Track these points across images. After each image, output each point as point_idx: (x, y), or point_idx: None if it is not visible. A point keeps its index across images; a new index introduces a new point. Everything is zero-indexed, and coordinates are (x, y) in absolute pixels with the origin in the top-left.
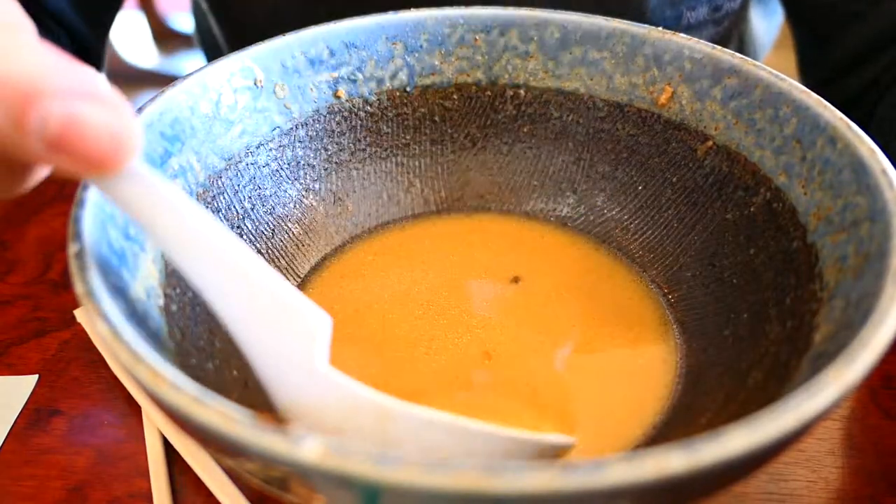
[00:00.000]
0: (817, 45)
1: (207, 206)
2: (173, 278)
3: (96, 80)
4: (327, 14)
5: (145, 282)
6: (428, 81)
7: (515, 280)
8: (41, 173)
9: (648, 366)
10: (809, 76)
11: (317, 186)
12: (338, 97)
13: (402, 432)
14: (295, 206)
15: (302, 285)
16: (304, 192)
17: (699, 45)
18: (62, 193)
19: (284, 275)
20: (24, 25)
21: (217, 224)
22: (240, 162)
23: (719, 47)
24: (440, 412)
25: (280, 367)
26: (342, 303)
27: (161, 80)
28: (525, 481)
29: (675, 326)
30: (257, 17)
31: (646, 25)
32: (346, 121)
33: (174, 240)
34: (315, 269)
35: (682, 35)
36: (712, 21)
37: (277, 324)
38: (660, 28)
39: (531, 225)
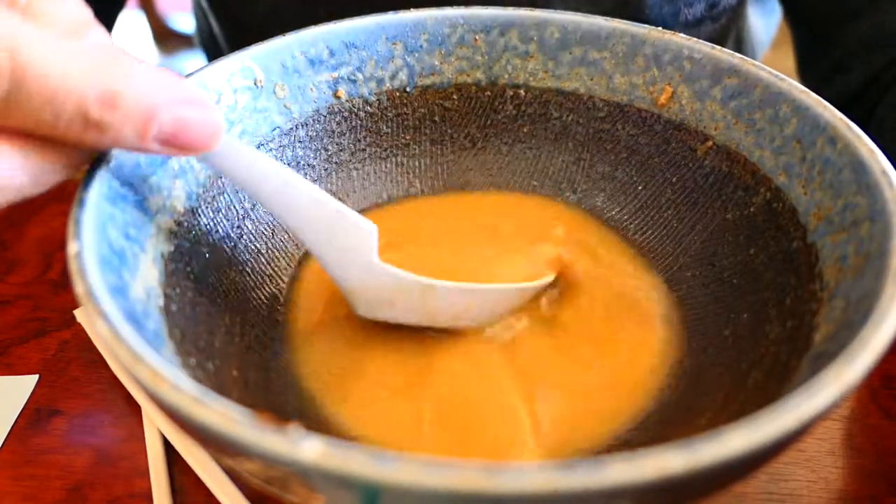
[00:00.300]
0: (816, 43)
1: (207, 206)
2: (173, 278)
3: (189, 87)
4: (327, 14)
5: (145, 282)
6: (428, 81)
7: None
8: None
9: (647, 363)
10: (808, 75)
11: (317, 186)
12: (338, 97)
13: (438, 300)
14: None
15: (301, 284)
16: None
17: (699, 45)
18: (62, 193)
19: (283, 275)
20: (118, 47)
21: (288, 170)
22: None
23: (719, 47)
24: (464, 283)
25: (345, 264)
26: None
27: None
28: (525, 481)
29: (675, 325)
30: (257, 16)
31: (646, 25)
32: (346, 121)
33: (258, 185)
34: (315, 268)
35: (681, 35)
36: (710, 17)
37: (343, 233)
38: (660, 28)
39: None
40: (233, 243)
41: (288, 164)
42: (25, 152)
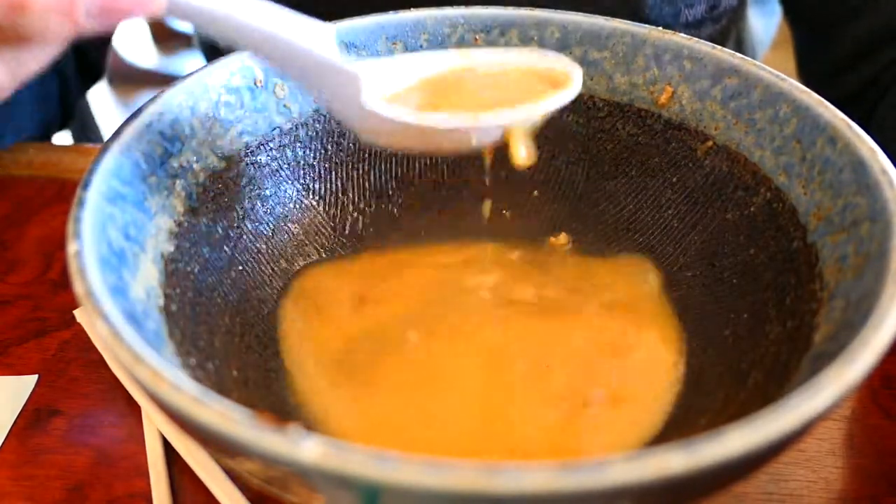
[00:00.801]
0: (816, 43)
1: (207, 206)
2: (173, 278)
3: None
4: (327, 14)
5: (145, 282)
6: None
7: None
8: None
9: (648, 365)
10: (808, 75)
11: (317, 186)
12: None
13: (431, 133)
14: (295, 206)
15: (301, 284)
16: (303, 192)
17: (699, 45)
18: (62, 193)
19: (283, 275)
20: None
21: (269, 14)
22: (240, 162)
23: (719, 47)
24: (454, 115)
25: (339, 105)
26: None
27: (161, 80)
28: (525, 481)
29: (675, 325)
30: None
31: (646, 25)
32: None
33: (237, 38)
34: (314, 268)
35: (682, 35)
36: (710, 18)
37: (331, 80)
38: (660, 28)
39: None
40: (233, 243)
41: (288, 164)
42: None
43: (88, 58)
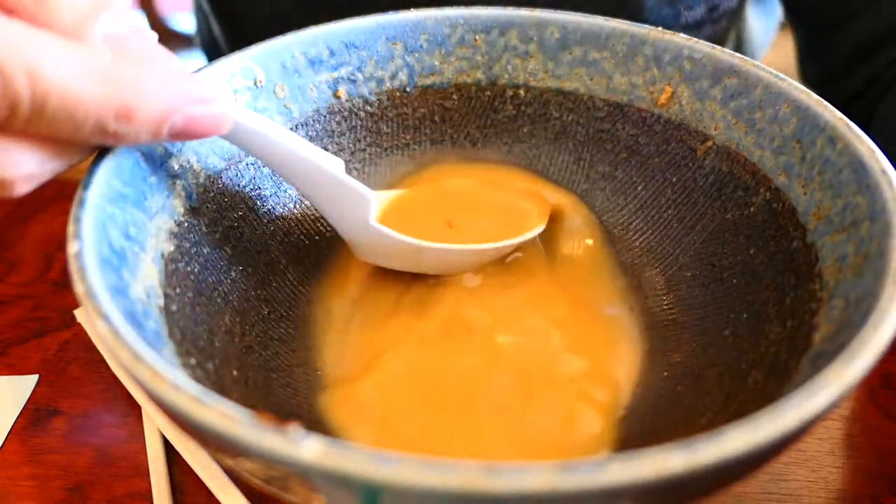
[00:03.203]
0: (816, 43)
1: (207, 206)
2: (173, 278)
3: (196, 84)
4: (328, 14)
5: (145, 282)
6: (428, 81)
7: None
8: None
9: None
10: (809, 75)
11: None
12: (338, 97)
13: (428, 258)
14: (295, 206)
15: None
16: None
17: (699, 45)
18: (62, 193)
19: (282, 274)
20: (150, 41)
21: (295, 139)
22: (240, 162)
23: (719, 47)
24: (451, 245)
25: (346, 222)
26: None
27: None
28: (525, 481)
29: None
30: (258, 16)
31: (646, 25)
32: (346, 121)
33: (267, 155)
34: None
35: (681, 35)
36: (710, 20)
37: (344, 197)
38: (660, 28)
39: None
40: (233, 243)
41: None
42: (55, 147)
43: None
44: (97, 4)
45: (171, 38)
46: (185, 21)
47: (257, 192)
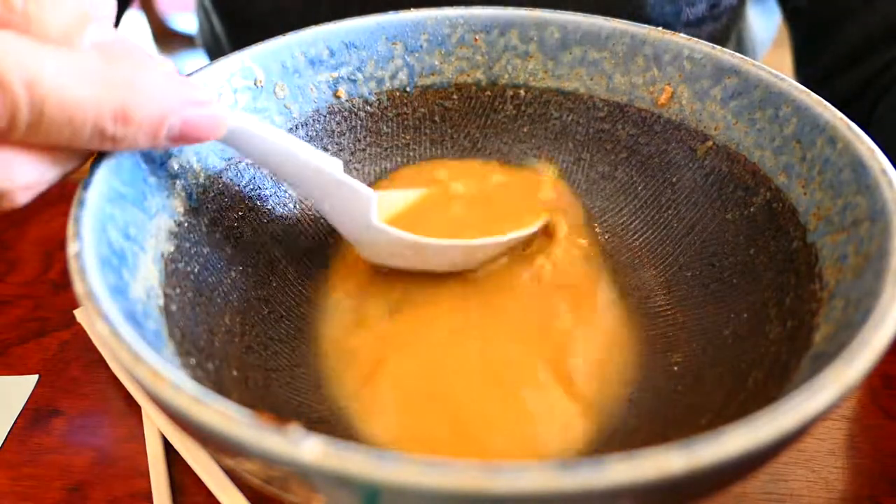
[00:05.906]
0: (814, 43)
1: (207, 206)
2: (173, 278)
3: (192, 87)
4: (328, 14)
5: (145, 282)
6: (428, 81)
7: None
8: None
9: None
10: (805, 75)
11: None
12: (338, 97)
13: (430, 255)
14: (295, 206)
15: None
16: None
17: (699, 45)
18: (62, 193)
19: (282, 274)
20: (138, 49)
21: (294, 141)
22: (240, 162)
23: (719, 47)
24: (453, 240)
25: (348, 222)
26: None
27: None
28: (525, 481)
29: (674, 326)
30: (259, 16)
31: (646, 25)
32: (346, 121)
33: (266, 158)
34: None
35: (681, 35)
36: (711, 17)
37: (345, 197)
38: (660, 28)
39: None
40: (233, 243)
41: None
42: (54, 156)
43: None
44: (82, 16)
45: (171, 38)
46: (185, 21)
47: (257, 192)
